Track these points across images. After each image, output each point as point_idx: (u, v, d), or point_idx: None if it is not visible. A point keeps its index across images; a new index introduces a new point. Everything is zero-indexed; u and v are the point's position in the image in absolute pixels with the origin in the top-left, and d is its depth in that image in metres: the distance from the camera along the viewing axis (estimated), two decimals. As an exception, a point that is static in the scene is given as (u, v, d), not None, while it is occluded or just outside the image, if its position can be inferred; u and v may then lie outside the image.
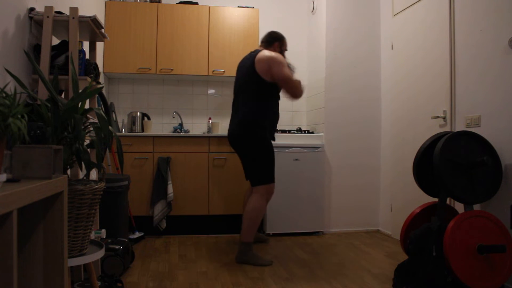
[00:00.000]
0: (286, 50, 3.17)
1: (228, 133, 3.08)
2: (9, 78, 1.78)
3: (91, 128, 1.69)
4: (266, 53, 2.95)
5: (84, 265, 1.87)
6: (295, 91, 2.93)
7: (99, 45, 3.68)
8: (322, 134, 3.92)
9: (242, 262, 2.89)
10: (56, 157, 1.31)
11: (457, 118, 2.85)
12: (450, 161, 2.32)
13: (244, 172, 3.13)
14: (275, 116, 3.05)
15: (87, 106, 1.79)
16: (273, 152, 2.99)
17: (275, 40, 3.11)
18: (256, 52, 3.02)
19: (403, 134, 3.54)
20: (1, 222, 0.93)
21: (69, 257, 1.54)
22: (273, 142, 3.07)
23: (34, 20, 2.17)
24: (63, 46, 2.25)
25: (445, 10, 2.96)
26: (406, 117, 3.49)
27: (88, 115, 1.84)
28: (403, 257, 2.81)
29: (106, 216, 2.71)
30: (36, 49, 2.17)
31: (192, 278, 2.54)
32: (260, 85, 2.92)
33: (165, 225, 3.62)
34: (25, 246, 1.30)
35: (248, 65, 2.98)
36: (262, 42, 3.16)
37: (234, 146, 3.07)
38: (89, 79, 2.28)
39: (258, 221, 2.92)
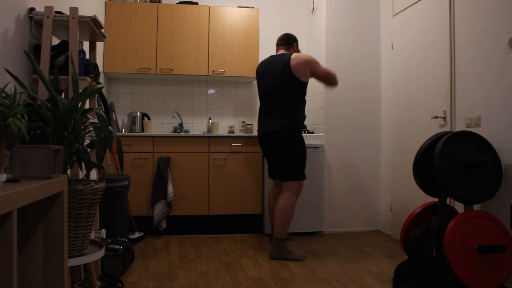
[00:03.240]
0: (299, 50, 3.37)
1: (263, 131, 3.17)
2: (9, 78, 1.78)
3: (91, 128, 1.69)
4: (301, 56, 3.11)
5: (84, 265, 1.87)
6: (334, 82, 3.17)
7: (99, 45, 3.68)
8: (322, 134, 3.92)
9: (277, 258, 2.96)
10: (56, 157, 1.31)
11: (457, 118, 2.85)
12: (450, 161, 2.32)
13: (269, 171, 3.34)
14: (304, 114, 3.25)
15: (87, 106, 1.79)
16: (305, 149, 3.14)
17: (293, 41, 3.29)
18: (285, 55, 3.12)
19: (403, 134, 3.54)
20: (1, 222, 0.93)
21: (69, 257, 1.54)
22: None
23: (34, 20, 2.17)
24: (63, 46, 2.25)
25: (445, 10, 2.96)
26: (406, 117, 3.49)
27: (88, 115, 1.84)
28: (403, 257, 2.81)
29: (106, 216, 2.71)
30: (36, 49, 2.17)
31: (192, 278, 2.54)
32: (297, 86, 3.08)
33: (165, 225, 3.62)
34: (25, 246, 1.30)
35: (281, 68, 3.07)
36: (281, 44, 3.28)
37: (268, 145, 3.19)
38: (89, 79, 2.28)
39: (291, 217, 3.05)
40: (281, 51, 3.23)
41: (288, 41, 3.25)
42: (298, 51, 3.27)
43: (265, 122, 3.16)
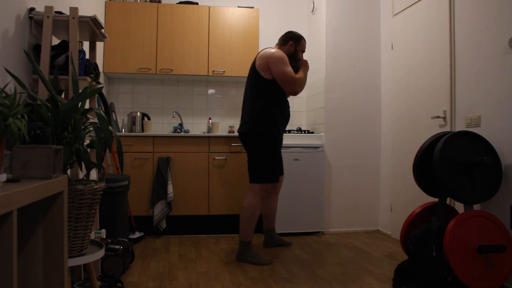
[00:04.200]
0: (303, 51, 3.19)
1: (238, 130, 3.08)
2: (9, 78, 1.78)
3: (91, 128, 1.69)
4: (268, 50, 2.97)
5: (84, 265, 1.87)
6: (291, 88, 2.92)
7: (99, 45, 3.68)
8: (322, 134, 3.92)
9: (242, 261, 2.90)
10: (56, 157, 1.31)
11: (457, 118, 2.85)
12: (450, 161, 2.32)
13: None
14: (283, 114, 3.03)
15: (87, 106, 1.79)
16: (275, 151, 2.97)
17: (290, 39, 3.13)
18: (260, 52, 3.04)
19: (403, 134, 3.54)
20: (1, 222, 0.93)
21: (69, 257, 1.54)
22: None
23: (34, 20, 2.17)
24: (63, 46, 2.25)
25: (445, 10, 2.96)
26: (406, 117, 3.49)
27: (88, 115, 1.84)
28: (403, 257, 2.81)
29: (106, 216, 2.71)
30: (36, 49, 2.17)
31: (192, 278, 2.54)
32: (260, 82, 2.92)
33: (165, 225, 3.62)
34: (25, 246, 1.30)
35: (252, 64, 3.02)
36: (278, 40, 3.20)
37: (242, 143, 3.08)
38: (89, 79, 2.28)
39: (254, 219, 2.93)
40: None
41: (284, 38, 3.15)
42: (295, 51, 3.11)
43: (240, 119, 3.09)
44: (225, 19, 4.10)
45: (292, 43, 3.12)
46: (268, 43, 4.40)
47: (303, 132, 4.06)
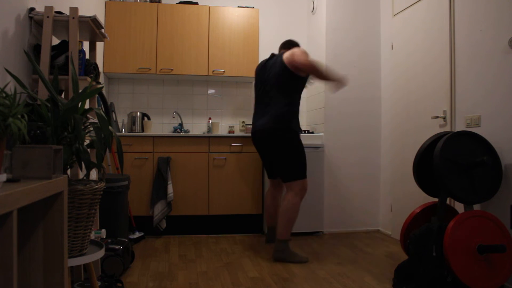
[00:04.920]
0: None
1: (256, 129, 3.12)
2: (9, 78, 1.78)
3: (91, 128, 1.69)
4: (293, 49, 3.06)
5: (84, 265, 1.87)
6: (322, 74, 2.97)
7: (99, 45, 3.68)
8: (322, 134, 3.92)
9: (279, 260, 2.92)
10: (56, 157, 1.31)
11: (457, 118, 2.85)
12: (450, 161, 2.32)
13: (267, 170, 3.29)
14: (298, 108, 3.16)
15: (87, 106, 1.79)
16: (303, 147, 3.08)
17: (294, 46, 3.25)
18: (282, 53, 3.13)
19: (403, 134, 3.54)
20: (1, 222, 0.93)
21: (69, 257, 1.54)
22: None
23: (34, 20, 2.17)
24: (63, 46, 2.25)
25: (445, 10, 2.96)
26: (406, 117, 3.49)
27: (88, 115, 1.84)
28: (403, 257, 2.81)
29: (106, 216, 2.71)
30: (36, 49, 2.17)
31: (192, 278, 2.54)
32: (292, 80, 3.02)
33: (165, 225, 3.62)
34: (25, 246, 1.30)
35: (278, 63, 3.07)
36: (281, 48, 3.31)
37: (262, 143, 3.13)
38: (89, 79, 2.28)
39: (294, 218, 2.99)
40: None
41: (288, 46, 3.26)
42: None
43: (258, 119, 3.13)
44: (225, 19, 4.10)
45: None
46: (268, 43, 4.42)
47: (303, 132, 4.06)
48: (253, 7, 4.21)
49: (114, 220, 2.86)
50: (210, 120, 4.35)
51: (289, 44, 3.28)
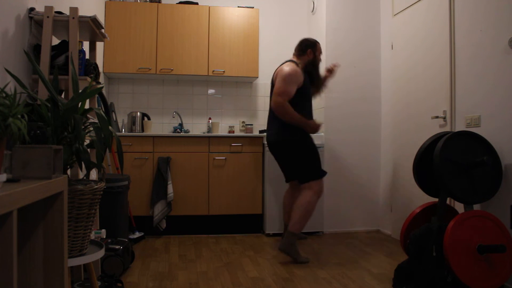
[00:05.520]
0: (321, 53, 3.26)
1: (267, 140, 3.21)
2: (9, 78, 1.78)
3: (91, 128, 1.69)
4: (285, 68, 3.04)
5: (84, 265, 1.87)
6: (280, 109, 2.93)
7: (99, 45, 3.68)
8: (322, 134, 3.92)
9: (284, 252, 2.91)
10: (56, 157, 1.31)
11: (457, 118, 2.85)
12: (450, 161, 2.32)
13: (284, 175, 3.30)
14: (310, 116, 3.13)
15: (87, 106, 1.79)
16: (315, 147, 3.10)
17: (307, 47, 3.19)
18: (282, 64, 3.14)
19: (403, 134, 3.54)
20: (1, 222, 0.93)
21: (69, 257, 1.54)
22: None
23: (34, 20, 2.17)
24: (63, 46, 2.25)
25: (445, 10, 2.96)
26: (406, 117, 3.49)
27: (88, 115, 1.84)
28: (403, 257, 2.81)
29: (106, 216, 2.71)
30: (36, 49, 2.17)
31: (192, 278, 2.54)
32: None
33: (165, 225, 3.62)
34: (25, 246, 1.30)
35: (274, 78, 3.11)
36: (295, 50, 3.24)
37: (275, 151, 3.19)
38: (89, 79, 2.28)
39: (310, 214, 3.02)
40: (293, 59, 3.20)
41: (302, 48, 3.19)
42: (315, 57, 3.17)
43: (268, 128, 3.20)
44: (225, 19, 4.10)
45: (310, 50, 3.18)
46: (268, 43, 4.42)
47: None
48: (253, 7, 4.21)
49: (114, 220, 2.86)
50: (210, 120, 4.35)
51: (300, 47, 3.19)
